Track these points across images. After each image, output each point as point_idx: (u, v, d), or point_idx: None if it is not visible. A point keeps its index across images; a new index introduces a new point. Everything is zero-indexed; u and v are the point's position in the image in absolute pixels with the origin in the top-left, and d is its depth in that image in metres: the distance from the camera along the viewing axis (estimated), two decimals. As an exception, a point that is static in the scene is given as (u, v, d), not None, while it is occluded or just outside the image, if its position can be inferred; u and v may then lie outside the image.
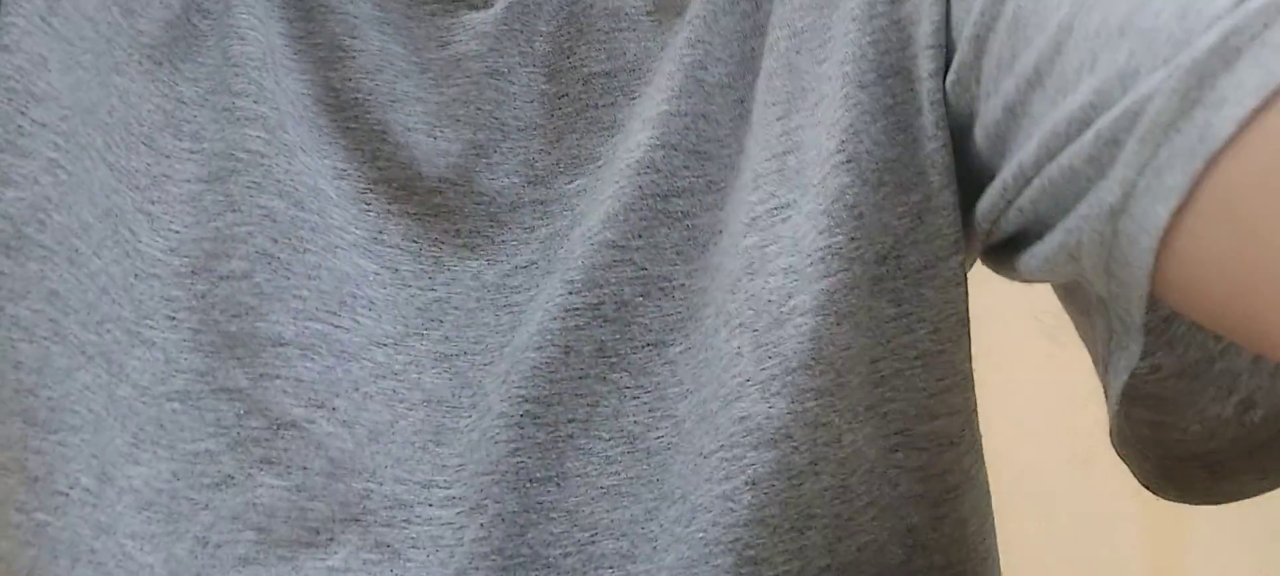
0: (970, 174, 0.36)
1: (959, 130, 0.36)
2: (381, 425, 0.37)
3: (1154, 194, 0.26)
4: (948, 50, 0.35)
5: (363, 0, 0.40)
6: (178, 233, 0.37)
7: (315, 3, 0.40)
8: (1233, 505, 0.39)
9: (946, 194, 0.36)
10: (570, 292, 0.37)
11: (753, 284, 0.36)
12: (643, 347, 0.37)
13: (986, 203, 0.34)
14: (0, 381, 0.34)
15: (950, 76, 0.35)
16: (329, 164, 0.39)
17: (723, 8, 0.39)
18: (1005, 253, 0.35)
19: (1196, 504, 0.39)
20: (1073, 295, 0.39)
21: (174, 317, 0.37)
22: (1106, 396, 0.35)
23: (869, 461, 0.36)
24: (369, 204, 0.39)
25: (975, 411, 0.38)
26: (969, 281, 0.38)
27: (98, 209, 0.36)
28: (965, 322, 0.37)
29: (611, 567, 0.36)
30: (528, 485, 0.36)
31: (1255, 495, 0.37)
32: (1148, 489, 0.40)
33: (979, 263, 0.39)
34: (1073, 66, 0.29)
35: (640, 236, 0.38)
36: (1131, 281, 0.28)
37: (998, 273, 0.38)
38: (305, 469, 0.36)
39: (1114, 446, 0.39)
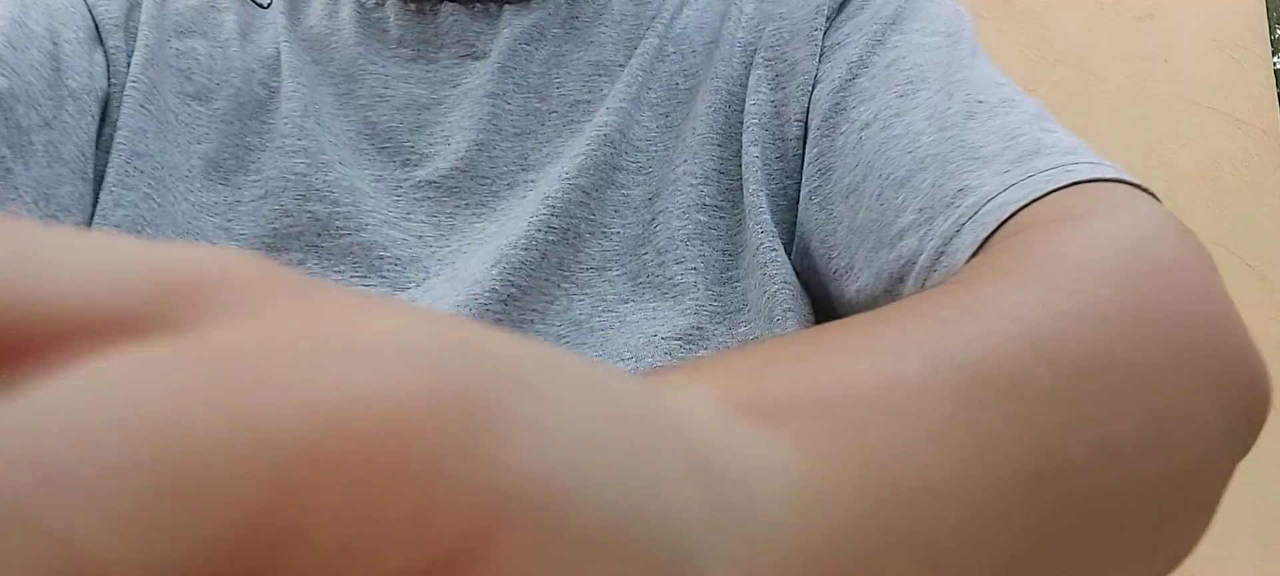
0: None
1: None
2: None
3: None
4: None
5: (392, 64, 0.55)
6: (246, 235, 0.51)
7: (356, 69, 0.55)
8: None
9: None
10: (551, 214, 0.49)
11: (704, 248, 0.50)
12: (587, 269, 0.50)
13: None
14: None
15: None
16: (368, 172, 0.53)
17: (658, 57, 0.55)
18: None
19: None
20: None
21: None
22: None
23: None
24: (399, 196, 0.52)
25: None
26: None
27: (180, 230, 0.49)
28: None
29: None
30: None
31: None
32: None
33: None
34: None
35: (597, 189, 0.51)
36: None
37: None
38: None
39: None
